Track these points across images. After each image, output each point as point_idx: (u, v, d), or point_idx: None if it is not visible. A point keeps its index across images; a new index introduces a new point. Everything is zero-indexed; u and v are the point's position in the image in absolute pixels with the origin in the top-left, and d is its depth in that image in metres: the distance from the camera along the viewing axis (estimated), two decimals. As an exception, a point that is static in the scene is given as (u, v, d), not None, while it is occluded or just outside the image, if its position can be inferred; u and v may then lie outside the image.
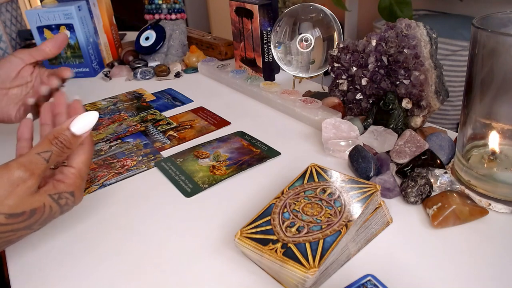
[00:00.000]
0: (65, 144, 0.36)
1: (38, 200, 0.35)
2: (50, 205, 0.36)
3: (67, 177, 0.38)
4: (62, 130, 0.36)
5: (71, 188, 0.37)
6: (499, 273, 0.35)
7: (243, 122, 0.66)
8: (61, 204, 0.37)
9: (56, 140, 0.36)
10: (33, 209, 0.34)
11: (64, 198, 0.37)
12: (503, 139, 0.43)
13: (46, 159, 0.35)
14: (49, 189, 0.36)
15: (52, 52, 0.58)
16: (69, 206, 0.38)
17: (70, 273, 0.39)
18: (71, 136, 0.36)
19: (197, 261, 0.39)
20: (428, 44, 0.53)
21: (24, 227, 0.35)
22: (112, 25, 1.03)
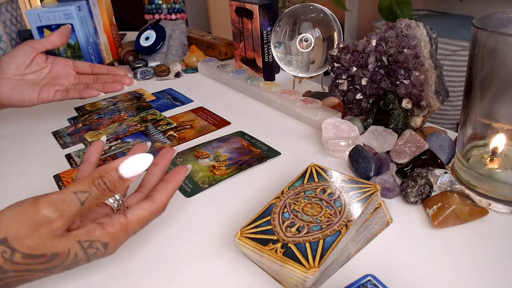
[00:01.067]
0: (108, 186, 0.31)
1: (63, 245, 0.31)
2: (76, 252, 0.31)
3: (111, 224, 0.33)
4: (110, 169, 0.31)
5: (107, 238, 0.32)
6: (499, 273, 0.35)
7: (243, 122, 0.66)
8: (88, 254, 0.32)
9: (99, 180, 0.30)
10: (54, 253, 0.30)
11: (95, 248, 0.32)
12: (503, 139, 0.43)
13: (82, 201, 0.30)
14: (80, 234, 0.32)
15: (61, 41, 0.63)
16: (97, 257, 0.33)
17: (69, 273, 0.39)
18: (118, 178, 0.31)
19: (197, 261, 0.39)
20: (428, 44, 0.53)
21: (42, 269, 0.31)
22: (112, 25, 1.03)
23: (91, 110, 0.76)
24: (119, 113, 0.73)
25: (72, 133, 0.67)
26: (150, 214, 0.35)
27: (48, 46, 0.63)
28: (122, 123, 0.69)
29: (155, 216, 0.36)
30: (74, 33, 0.90)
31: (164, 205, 0.36)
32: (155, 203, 0.35)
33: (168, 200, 0.37)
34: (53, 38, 0.62)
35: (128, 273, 0.38)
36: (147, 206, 0.35)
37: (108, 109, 0.76)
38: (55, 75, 0.63)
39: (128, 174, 0.31)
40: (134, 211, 0.34)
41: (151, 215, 0.35)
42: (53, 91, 0.61)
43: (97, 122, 0.70)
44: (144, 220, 0.35)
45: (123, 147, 0.61)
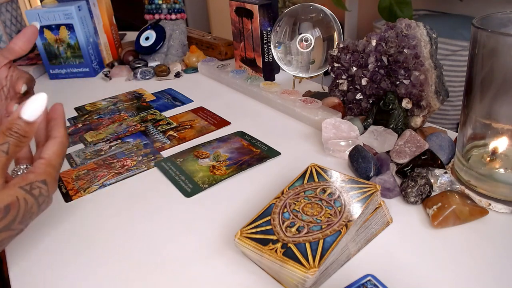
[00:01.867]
0: (20, 133, 0.34)
1: (9, 195, 0.33)
2: (24, 197, 0.34)
3: (36, 167, 0.36)
4: (14, 119, 0.35)
5: (42, 177, 0.36)
6: (499, 273, 0.35)
7: (243, 122, 0.66)
8: (35, 195, 0.35)
9: (9, 131, 0.34)
10: (6, 205, 0.33)
11: (37, 187, 0.35)
12: (503, 139, 0.43)
13: (5, 151, 0.33)
14: (18, 181, 0.34)
15: (23, 49, 0.52)
16: (44, 196, 0.36)
17: (70, 273, 0.39)
18: (25, 124, 0.35)
19: (197, 261, 0.39)
20: (428, 44, 0.53)
21: (3, 227, 0.33)
22: (112, 25, 1.04)
23: (91, 110, 0.76)
24: (119, 113, 0.73)
25: (72, 133, 0.67)
26: (60, 145, 0.38)
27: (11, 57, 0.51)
28: (122, 123, 0.69)
29: (65, 146, 0.39)
30: (74, 33, 0.91)
31: (64, 135, 0.39)
32: (57, 136, 0.38)
33: (65, 130, 0.40)
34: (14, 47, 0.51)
35: (128, 273, 0.38)
36: (53, 142, 0.38)
37: (108, 109, 0.76)
38: None
39: (31, 117, 0.35)
40: (46, 151, 0.37)
41: (61, 146, 0.38)
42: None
43: (97, 122, 0.70)
44: (59, 152, 0.38)
45: (123, 147, 0.61)
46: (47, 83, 0.94)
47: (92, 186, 0.52)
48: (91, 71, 0.95)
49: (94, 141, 0.64)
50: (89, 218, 0.46)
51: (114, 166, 0.56)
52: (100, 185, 0.52)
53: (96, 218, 0.46)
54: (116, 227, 0.44)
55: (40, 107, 0.36)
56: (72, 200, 0.49)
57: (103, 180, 0.53)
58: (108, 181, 0.52)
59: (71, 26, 0.90)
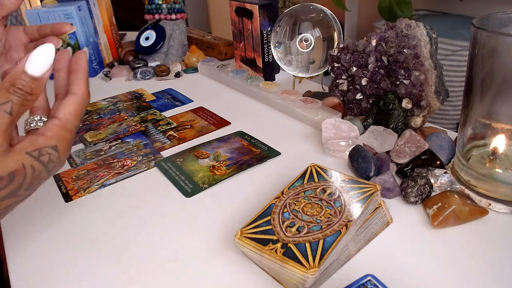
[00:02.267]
0: (25, 90, 0.30)
1: (14, 161, 0.30)
2: (31, 164, 0.31)
3: (48, 129, 0.33)
4: (18, 74, 0.30)
5: (53, 141, 0.32)
6: (499, 273, 0.35)
7: (243, 122, 0.66)
8: (44, 162, 0.32)
9: (13, 87, 0.30)
10: (11, 172, 0.30)
11: (46, 154, 0.32)
12: (503, 139, 0.43)
13: (8, 112, 0.29)
14: (25, 146, 0.31)
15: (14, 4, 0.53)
16: (54, 163, 0.33)
17: (70, 273, 0.39)
18: (30, 79, 0.31)
19: (197, 261, 0.39)
20: (428, 44, 0.53)
21: (7, 194, 0.30)
22: (112, 25, 1.03)
23: (91, 110, 0.76)
24: (119, 113, 0.73)
25: (72, 133, 0.67)
26: (78, 104, 0.35)
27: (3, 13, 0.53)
28: (122, 123, 0.69)
29: (85, 105, 0.36)
30: (74, 33, 0.90)
31: (85, 91, 0.36)
32: (76, 93, 0.35)
33: (87, 85, 0.36)
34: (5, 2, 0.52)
35: (128, 273, 0.38)
36: (71, 99, 0.35)
37: (108, 109, 0.76)
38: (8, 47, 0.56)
39: (37, 72, 0.31)
40: (63, 110, 0.34)
41: (79, 105, 0.35)
42: None
43: (97, 122, 0.70)
44: (77, 112, 0.35)
45: (123, 147, 0.61)
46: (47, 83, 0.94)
47: (92, 186, 0.52)
48: (91, 71, 0.95)
49: (94, 141, 0.64)
50: (89, 218, 0.46)
51: (114, 166, 0.56)
52: (100, 185, 0.52)
53: (96, 218, 0.46)
54: (116, 227, 0.44)
55: (48, 60, 0.31)
56: (72, 200, 0.49)
57: (103, 180, 0.53)
58: (108, 181, 0.52)
59: (71, 26, 0.90)
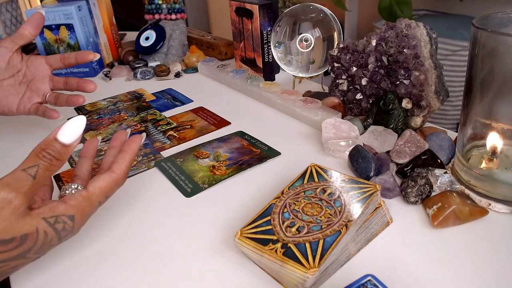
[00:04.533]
0: (53, 155, 0.32)
1: (29, 224, 0.31)
2: (45, 230, 0.32)
3: (72, 198, 0.34)
4: (49, 141, 0.32)
5: (71, 211, 0.33)
6: (499, 273, 0.35)
7: (243, 122, 0.66)
8: (57, 230, 0.32)
9: (43, 152, 0.32)
10: (24, 234, 0.30)
11: (62, 222, 0.32)
12: (503, 139, 0.43)
13: (32, 175, 0.31)
14: (44, 211, 0.32)
15: (32, 34, 0.57)
16: (67, 231, 0.33)
17: (69, 273, 0.39)
18: (61, 146, 0.32)
19: (197, 261, 0.39)
20: (428, 44, 0.53)
21: (16, 255, 0.31)
22: (112, 25, 1.03)
23: (91, 110, 0.76)
24: (119, 113, 0.73)
25: (72, 133, 0.67)
26: (111, 183, 0.36)
27: (21, 42, 0.56)
28: (122, 123, 0.69)
29: (117, 185, 0.37)
30: (74, 33, 0.90)
31: (124, 173, 0.37)
32: (114, 172, 0.37)
33: (127, 169, 0.38)
34: (24, 32, 0.56)
35: (127, 272, 0.38)
36: (106, 176, 0.36)
37: (108, 109, 0.76)
38: (31, 78, 0.59)
39: (68, 140, 0.33)
40: (95, 183, 0.35)
41: (111, 184, 0.36)
42: (29, 105, 0.59)
43: (97, 122, 0.70)
44: (106, 190, 0.36)
45: (123, 147, 0.61)
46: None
47: (92, 186, 0.52)
48: (91, 71, 0.95)
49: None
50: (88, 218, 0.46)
51: (114, 166, 0.56)
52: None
53: (96, 218, 0.46)
54: (115, 227, 0.44)
55: (79, 130, 0.33)
56: (72, 200, 0.49)
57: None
58: (108, 181, 0.52)
59: (71, 26, 0.90)
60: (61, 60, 0.60)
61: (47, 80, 0.60)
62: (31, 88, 0.59)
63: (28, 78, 0.59)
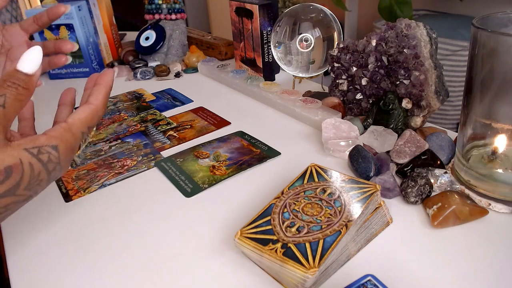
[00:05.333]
0: (19, 83, 0.31)
1: (11, 155, 0.30)
2: (29, 161, 0.30)
3: (52, 129, 0.33)
4: (11, 72, 0.32)
5: (54, 141, 0.32)
6: (499, 273, 0.35)
7: (243, 122, 0.66)
8: (43, 161, 0.31)
9: (7, 82, 0.31)
10: (7, 166, 0.29)
11: (46, 152, 0.31)
12: (503, 139, 0.43)
13: (1, 104, 0.30)
14: (25, 142, 0.31)
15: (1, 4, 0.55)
16: (54, 163, 0.32)
17: (69, 273, 0.39)
18: (24, 75, 0.32)
19: (197, 261, 0.39)
20: (428, 44, 0.53)
21: (5, 191, 0.30)
22: (112, 25, 1.03)
23: (91, 110, 0.76)
24: (119, 113, 0.73)
25: (72, 133, 0.67)
26: (90, 113, 0.36)
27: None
28: (122, 123, 0.69)
29: (97, 115, 0.37)
30: (74, 33, 0.91)
31: (101, 103, 0.37)
32: (92, 103, 0.36)
33: (104, 99, 0.37)
34: None
35: (127, 272, 0.38)
36: (84, 108, 0.36)
37: (108, 109, 0.76)
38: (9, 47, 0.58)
39: (29, 68, 0.32)
40: (73, 115, 0.35)
41: (91, 114, 0.36)
42: None
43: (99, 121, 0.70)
44: (87, 120, 0.35)
45: (123, 147, 0.61)
46: (47, 83, 0.94)
47: (92, 186, 0.52)
48: (91, 71, 0.95)
49: (94, 141, 0.64)
50: (89, 218, 0.46)
51: (114, 166, 0.56)
52: (100, 185, 0.52)
53: (96, 218, 0.46)
54: (116, 227, 0.44)
55: (37, 58, 0.33)
56: (72, 200, 0.49)
57: (103, 180, 0.53)
58: (108, 181, 0.52)
59: (71, 26, 0.90)
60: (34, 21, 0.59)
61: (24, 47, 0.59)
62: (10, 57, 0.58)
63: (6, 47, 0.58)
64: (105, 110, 0.39)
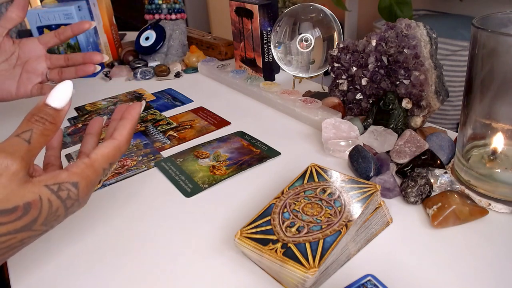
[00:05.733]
0: (46, 118, 0.31)
1: (31, 192, 0.29)
2: (49, 198, 0.30)
3: (74, 165, 0.33)
4: (40, 107, 0.32)
5: (75, 178, 0.32)
6: (499, 273, 0.35)
7: (243, 122, 0.66)
8: (62, 198, 0.31)
9: (35, 117, 0.31)
10: (26, 203, 0.29)
11: (66, 189, 0.31)
12: (503, 139, 0.43)
13: (27, 140, 0.30)
14: (46, 178, 0.31)
15: (20, 16, 0.57)
16: (73, 200, 0.32)
17: (69, 272, 0.39)
18: (52, 110, 0.32)
19: (197, 261, 0.39)
20: (428, 44, 0.53)
21: (22, 227, 0.29)
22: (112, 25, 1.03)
23: (91, 110, 0.76)
24: (119, 113, 0.73)
25: (72, 133, 0.67)
26: (113, 149, 0.35)
27: (9, 26, 0.57)
28: (122, 123, 0.69)
29: (120, 151, 0.36)
30: (74, 33, 0.90)
31: (125, 139, 0.37)
32: (116, 139, 0.36)
33: (129, 135, 0.37)
34: (11, 15, 0.56)
35: (127, 272, 0.38)
36: (108, 144, 0.35)
37: (108, 109, 0.76)
38: (26, 59, 0.59)
39: (58, 104, 0.32)
40: (96, 150, 0.35)
41: (114, 150, 0.36)
42: (30, 86, 0.58)
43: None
44: (110, 156, 0.35)
45: (123, 147, 0.61)
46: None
47: (92, 186, 0.52)
48: (91, 71, 0.95)
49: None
50: (88, 218, 0.46)
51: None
52: (100, 185, 0.52)
53: (96, 218, 0.46)
54: (115, 227, 0.44)
55: (68, 93, 0.33)
56: (72, 200, 0.49)
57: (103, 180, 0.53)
58: (108, 181, 0.52)
59: (71, 26, 0.90)
60: (56, 36, 0.59)
61: (42, 59, 0.60)
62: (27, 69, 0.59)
63: (23, 60, 0.59)
64: (129, 145, 0.38)
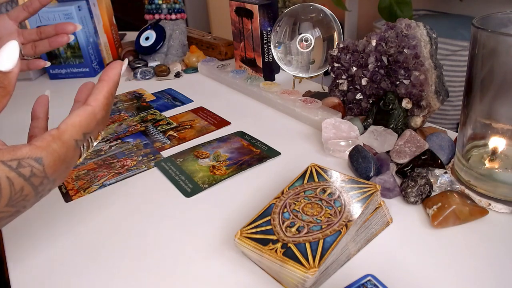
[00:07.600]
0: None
1: None
2: (7, 175, 0.26)
3: (40, 139, 0.29)
4: None
5: (38, 153, 0.28)
6: (499, 273, 0.35)
7: (243, 122, 0.66)
8: (25, 175, 0.27)
9: None
10: None
11: (28, 166, 0.27)
12: (503, 139, 0.43)
13: None
14: (2, 154, 0.27)
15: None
16: (39, 177, 0.28)
17: (69, 273, 0.39)
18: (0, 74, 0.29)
19: (197, 261, 0.39)
20: (428, 44, 0.53)
21: None
22: (112, 25, 1.03)
23: (91, 110, 0.75)
24: (119, 113, 0.73)
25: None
26: (86, 117, 0.31)
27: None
28: (122, 123, 0.69)
29: (95, 119, 0.32)
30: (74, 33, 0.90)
31: (102, 104, 0.32)
32: (90, 105, 0.31)
33: (106, 99, 0.33)
34: None
35: (127, 272, 0.38)
36: (80, 111, 0.31)
37: (108, 109, 0.75)
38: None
39: (5, 66, 0.29)
40: (67, 120, 0.30)
41: (87, 118, 0.31)
42: None
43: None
44: (82, 125, 0.31)
45: (123, 147, 0.61)
46: (47, 83, 0.94)
47: (92, 186, 0.52)
48: (91, 71, 0.95)
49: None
50: (89, 218, 0.46)
51: (114, 166, 0.56)
52: (100, 185, 0.52)
53: (96, 218, 0.46)
54: (116, 227, 0.44)
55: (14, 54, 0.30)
56: (72, 200, 0.49)
57: (103, 180, 0.53)
58: (108, 181, 0.52)
59: (71, 26, 0.90)
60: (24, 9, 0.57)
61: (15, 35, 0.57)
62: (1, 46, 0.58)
63: None
64: (108, 112, 0.33)
